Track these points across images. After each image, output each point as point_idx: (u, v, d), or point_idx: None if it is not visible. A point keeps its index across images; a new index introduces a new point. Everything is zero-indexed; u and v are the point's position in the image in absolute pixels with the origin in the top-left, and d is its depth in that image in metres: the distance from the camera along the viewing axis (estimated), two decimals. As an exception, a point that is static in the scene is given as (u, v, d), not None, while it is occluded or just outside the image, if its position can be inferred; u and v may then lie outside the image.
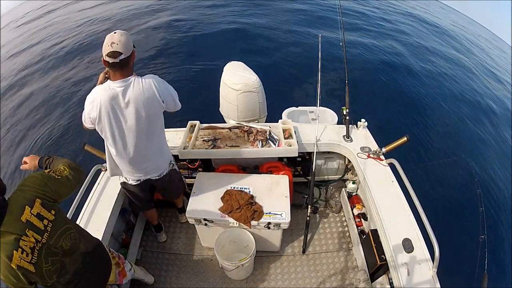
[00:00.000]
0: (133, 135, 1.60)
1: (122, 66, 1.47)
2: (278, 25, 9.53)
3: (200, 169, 2.59)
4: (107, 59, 1.43)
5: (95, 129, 1.60)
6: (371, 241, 2.00)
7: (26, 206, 1.06)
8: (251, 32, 8.91)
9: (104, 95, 1.48)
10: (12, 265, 1.01)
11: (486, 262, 1.36)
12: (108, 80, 1.54)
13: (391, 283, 1.81)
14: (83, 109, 1.57)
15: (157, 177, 1.88)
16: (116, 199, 2.06)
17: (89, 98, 1.53)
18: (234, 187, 2.12)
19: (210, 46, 8.01)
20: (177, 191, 2.26)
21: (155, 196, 2.32)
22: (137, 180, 1.86)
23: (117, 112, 1.53)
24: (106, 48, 1.43)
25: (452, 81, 7.65)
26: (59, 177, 1.21)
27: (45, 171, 1.23)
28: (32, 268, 1.07)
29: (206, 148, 2.28)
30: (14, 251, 1.01)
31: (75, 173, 1.28)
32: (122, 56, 1.43)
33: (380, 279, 1.95)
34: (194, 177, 2.29)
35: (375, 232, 1.99)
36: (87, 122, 1.58)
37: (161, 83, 1.60)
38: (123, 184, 1.96)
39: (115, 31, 1.47)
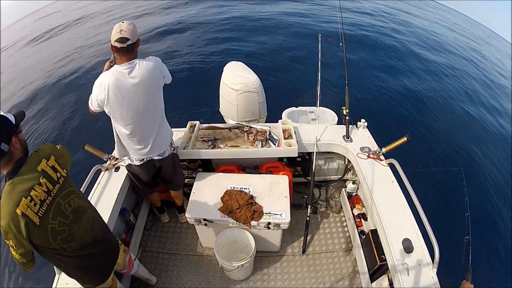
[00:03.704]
0: (141, 111, 1.73)
1: (129, 51, 1.62)
2: (278, 25, 9.54)
3: (200, 169, 2.59)
4: (116, 44, 1.58)
5: (100, 112, 1.74)
6: (371, 241, 2.00)
7: (43, 159, 1.16)
8: (251, 32, 8.91)
9: (112, 77, 1.62)
10: (17, 211, 1.02)
11: (470, 258, 1.60)
12: (115, 65, 1.68)
13: (391, 283, 1.81)
14: (90, 93, 1.69)
15: (160, 158, 1.98)
16: (116, 199, 2.06)
17: (97, 82, 1.66)
18: (234, 187, 2.12)
19: (209, 46, 8.02)
20: (179, 180, 2.28)
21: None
22: (141, 160, 1.96)
23: (125, 91, 1.65)
24: (115, 35, 1.58)
25: (454, 80, 7.62)
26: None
27: None
28: (37, 220, 1.08)
29: (206, 148, 2.28)
30: (23, 198, 1.04)
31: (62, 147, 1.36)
32: (129, 42, 1.59)
33: (380, 279, 1.95)
34: (194, 177, 2.29)
35: (375, 232, 1.99)
36: (94, 105, 1.72)
37: (159, 61, 1.79)
38: (128, 167, 2.09)
39: (123, 21, 1.63)
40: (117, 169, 2.27)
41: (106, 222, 1.90)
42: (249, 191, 2.09)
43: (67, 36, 11.97)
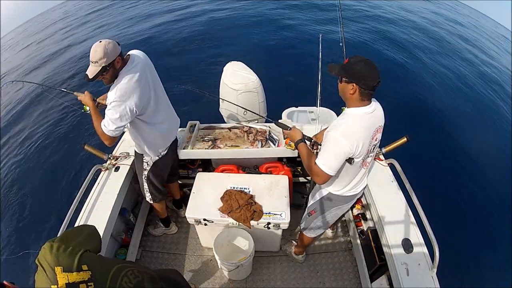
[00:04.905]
0: (160, 90, 1.76)
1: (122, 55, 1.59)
2: (278, 24, 9.53)
3: (199, 169, 2.59)
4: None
5: (124, 126, 1.59)
6: (371, 241, 2.00)
7: None
8: (251, 31, 8.91)
9: (141, 72, 1.56)
10: None
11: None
12: (122, 69, 1.53)
13: (390, 284, 1.81)
14: (116, 113, 1.50)
15: (173, 140, 2.04)
16: (116, 199, 2.06)
17: (128, 87, 1.49)
18: (233, 187, 2.12)
19: (209, 45, 8.02)
20: (177, 168, 2.37)
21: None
22: (166, 148, 1.97)
23: (150, 81, 1.65)
24: (117, 50, 1.51)
25: (456, 79, 7.58)
26: None
27: None
28: None
29: (206, 148, 2.28)
30: None
31: None
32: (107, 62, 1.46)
33: (379, 279, 1.95)
34: (194, 177, 2.29)
35: (374, 232, 1.99)
36: (128, 119, 1.55)
37: None
38: (156, 162, 1.96)
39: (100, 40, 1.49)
40: (117, 169, 2.27)
41: (106, 222, 1.91)
42: (249, 191, 2.09)
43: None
